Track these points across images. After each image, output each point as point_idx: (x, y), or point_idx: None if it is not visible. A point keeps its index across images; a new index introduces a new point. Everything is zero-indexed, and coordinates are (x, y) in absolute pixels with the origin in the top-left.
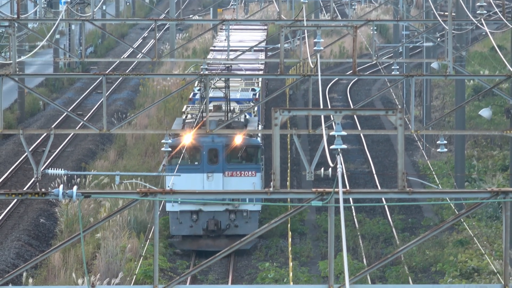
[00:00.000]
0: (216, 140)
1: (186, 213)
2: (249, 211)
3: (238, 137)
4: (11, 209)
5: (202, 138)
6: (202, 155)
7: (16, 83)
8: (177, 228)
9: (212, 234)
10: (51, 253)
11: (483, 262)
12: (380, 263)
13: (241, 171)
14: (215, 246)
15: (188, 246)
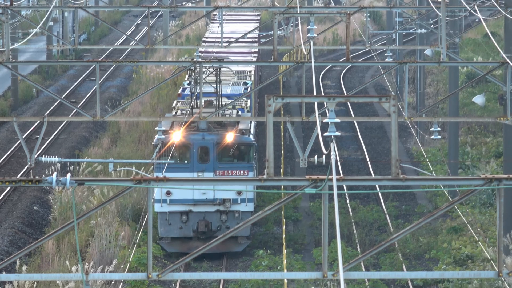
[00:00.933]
0: (207, 138)
1: (176, 214)
2: (241, 211)
3: (230, 134)
4: (5, 197)
5: (193, 136)
6: (192, 153)
7: (10, 70)
8: (166, 230)
9: (202, 235)
10: (45, 241)
11: (477, 249)
12: (374, 250)
13: (232, 170)
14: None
15: (178, 248)
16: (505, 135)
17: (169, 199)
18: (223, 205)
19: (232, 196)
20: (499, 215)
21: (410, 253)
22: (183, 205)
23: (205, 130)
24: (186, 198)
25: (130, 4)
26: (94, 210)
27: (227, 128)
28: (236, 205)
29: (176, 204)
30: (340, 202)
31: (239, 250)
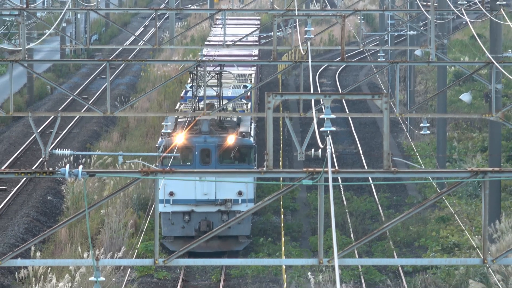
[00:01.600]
0: (209, 140)
1: (178, 214)
2: (242, 212)
3: (231, 137)
4: (21, 187)
5: (195, 138)
6: (194, 155)
7: (25, 68)
8: (169, 229)
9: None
10: (58, 229)
11: (463, 238)
12: (367, 238)
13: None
14: (207, 247)
15: (180, 247)
16: (490, 130)
17: (172, 199)
18: (224, 206)
19: (233, 197)
20: (484, 206)
21: (400, 241)
22: (186, 205)
23: (207, 132)
24: (189, 199)
25: (138, 6)
26: (104, 200)
27: (228, 131)
28: (237, 205)
29: (179, 205)
30: (335, 193)
31: (239, 249)
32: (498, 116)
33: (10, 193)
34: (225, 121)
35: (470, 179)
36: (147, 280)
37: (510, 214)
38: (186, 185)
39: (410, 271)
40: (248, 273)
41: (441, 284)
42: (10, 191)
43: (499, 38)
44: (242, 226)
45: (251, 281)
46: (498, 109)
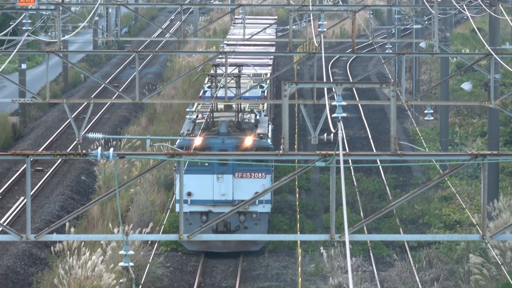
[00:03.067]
0: (227, 142)
1: (196, 214)
2: (259, 213)
3: (249, 138)
4: (56, 168)
5: (213, 139)
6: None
7: (61, 58)
8: (187, 229)
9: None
10: (91, 206)
11: (464, 215)
12: (375, 216)
13: (251, 172)
14: (225, 248)
15: (198, 246)
16: (489, 117)
17: (190, 199)
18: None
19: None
20: (483, 186)
21: (406, 219)
22: (203, 205)
23: (225, 134)
24: (206, 199)
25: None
26: (133, 180)
27: (246, 132)
28: (254, 206)
29: (197, 205)
30: (346, 174)
31: (256, 249)
32: (496, 103)
33: (47, 174)
34: (243, 123)
35: (470, 161)
36: (172, 254)
37: (507, 193)
38: (204, 185)
39: (415, 246)
40: (266, 248)
41: (444, 258)
42: (47, 171)
43: (498, 31)
44: (259, 227)
45: (268, 255)
46: (496, 97)
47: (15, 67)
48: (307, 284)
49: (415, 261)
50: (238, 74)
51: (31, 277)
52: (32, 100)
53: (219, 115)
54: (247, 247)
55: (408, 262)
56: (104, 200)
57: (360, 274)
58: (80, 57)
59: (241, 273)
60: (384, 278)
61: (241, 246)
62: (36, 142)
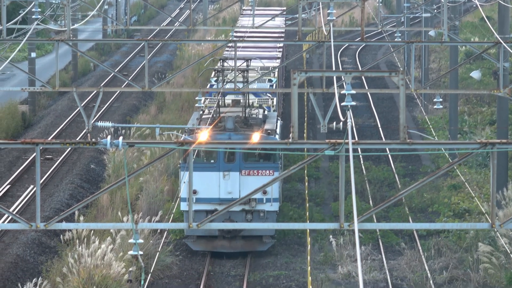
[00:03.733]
0: (233, 138)
1: (201, 213)
2: (266, 211)
3: (256, 135)
4: (66, 156)
5: (219, 136)
6: (218, 153)
7: (70, 47)
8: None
9: (227, 235)
10: (100, 195)
11: (473, 204)
12: (384, 204)
13: (258, 170)
14: (231, 248)
15: (203, 246)
16: (498, 105)
17: (195, 197)
18: (249, 205)
19: (257, 196)
20: (492, 175)
21: (415, 207)
22: (209, 204)
23: (231, 130)
24: (212, 197)
25: None
26: (143, 168)
27: (253, 128)
28: (261, 204)
29: (202, 203)
30: (355, 163)
31: (263, 249)
32: (505, 92)
33: (56, 162)
34: (250, 118)
35: (479, 150)
36: (182, 242)
37: None
38: (209, 183)
39: (424, 235)
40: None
41: (453, 247)
42: (56, 160)
43: (507, 20)
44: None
45: (278, 243)
46: (505, 85)
47: (25, 55)
48: (316, 272)
49: (424, 249)
50: (246, 68)
51: (40, 266)
52: (41, 89)
53: (226, 111)
54: (254, 247)
55: (417, 251)
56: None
57: (369, 262)
58: (90, 46)
59: (250, 261)
60: (393, 266)
61: (247, 246)
62: (46, 130)
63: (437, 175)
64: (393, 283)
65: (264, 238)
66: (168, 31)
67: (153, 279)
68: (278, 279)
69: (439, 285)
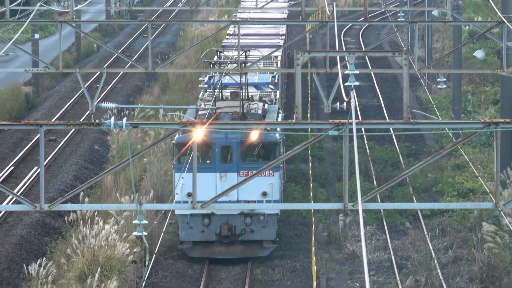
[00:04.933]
0: (230, 136)
1: (197, 217)
2: (266, 214)
3: (254, 132)
4: (69, 138)
5: (215, 134)
6: (214, 152)
7: (73, 28)
8: (187, 233)
9: (225, 240)
10: (104, 176)
11: (477, 183)
12: (388, 184)
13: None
14: (229, 253)
15: (200, 253)
16: (501, 84)
17: (190, 201)
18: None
19: (257, 198)
20: (496, 154)
21: (419, 187)
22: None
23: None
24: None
25: None
26: (146, 149)
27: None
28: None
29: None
30: (359, 143)
31: (264, 255)
32: (509, 71)
33: (60, 143)
34: (248, 114)
35: (483, 129)
36: None
37: None
38: (205, 185)
39: (428, 214)
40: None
41: (457, 226)
42: (60, 141)
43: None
44: (267, 230)
45: (283, 224)
46: (509, 64)
47: (28, 37)
48: (321, 252)
49: (428, 229)
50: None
51: (45, 247)
52: (45, 70)
53: (223, 105)
54: (254, 252)
55: (421, 231)
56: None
57: (374, 242)
58: (93, 27)
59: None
60: (397, 246)
61: (247, 252)
62: (49, 112)
63: (440, 154)
64: (397, 262)
65: (265, 243)
66: (171, 11)
67: (157, 259)
68: (282, 259)
69: (443, 264)
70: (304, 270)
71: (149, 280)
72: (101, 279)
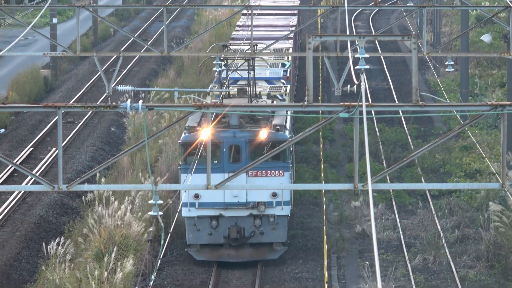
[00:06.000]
0: (238, 135)
1: (205, 219)
2: (277, 216)
3: (263, 131)
4: (87, 120)
5: (223, 133)
6: (222, 152)
7: (91, 13)
8: (195, 236)
9: (234, 242)
10: (121, 157)
11: (484, 164)
12: (397, 165)
13: (267, 170)
14: (238, 257)
15: (207, 256)
16: (508, 68)
17: (198, 202)
18: (257, 209)
19: (266, 199)
20: (503, 136)
21: (427, 168)
22: (213, 209)
23: (236, 126)
24: (216, 202)
25: None
26: (162, 131)
27: (261, 124)
28: (271, 208)
29: (205, 208)
30: (369, 125)
31: (274, 258)
32: None
33: (78, 125)
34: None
35: (490, 111)
36: None
37: None
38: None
39: (436, 195)
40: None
41: (464, 206)
42: (78, 123)
43: None
44: (277, 232)
45: (294, 203)
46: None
47: (47, 21)
48: (332, 231)
49: (436, 209)
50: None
51: (62, 226)
52: (63, 54)
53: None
54: (264, 255)
55: (430, 210)
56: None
57: (383, 222)
58: (110, 12)
59: None
60: (406, 225)
61: (256, 255)
62: (67, 94)
63: (448, 136)
64: (406, 241)
65: (275, 245)
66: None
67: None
68: (294, 238)
69: (450, 243)
70: (315, 249)
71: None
72: (117, 258)
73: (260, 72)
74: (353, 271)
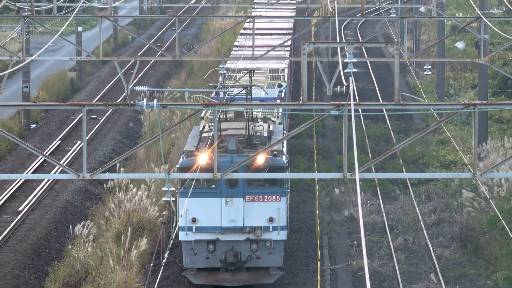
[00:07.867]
0: (236, 160)
1: (202, 243)
2: (273, 240)
3: (261, 157)
4: (108, 116)
5: (220, 158)
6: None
7: (112, 22)
8: (192, 260)
9: (231, 266)
10: (137, 149)
11: (458, 156)
12: (381, 157)
13: (264, 195)
14: (235, 281)
15: (204, 280)
16: (479, 71)
17: (195, 226)
18: (254, 234)
19: (263, 224)
20: (474, 131)
21: (408, 159)
22: (210, 233)
23: (233, 151)
24: (213, 226)
25: None
26: (174, 126)
27: (258, 148)
28: (268, 233)
29: (202, 232)
30: (356, 121)
31: (270, 282)
32: (485, 60)
33: (100, 121)
34: (254, 137)
35: (463, 110)
36: None
37: (494, 137)
38: (210, 210)
39: (416, 183)
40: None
41: (440, 193)
42: (100, 119)
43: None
44: (273, 256)
45: (291, 190)
46: (485, 54)
47: (73, 29)
48: (324, 215)
49: (415, 195)
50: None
51: (86, 210)
52: (87, 58)
53: (227, 127)
54: (260, 279)
55: (410, 197)
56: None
57: (369, 207)
58: (128, 21)
59: None
60: (389, 210)
61: (253, 279)
62: (91, 94)
63: (427, 131)
64: (389, 224)
65: (271, 269)
66: (195, 8)
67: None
68: (290, 221)
69: (428, 226)
70: (309, 231)
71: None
72: (134, 237)
73: (256, 93)
74: (342, 250)
